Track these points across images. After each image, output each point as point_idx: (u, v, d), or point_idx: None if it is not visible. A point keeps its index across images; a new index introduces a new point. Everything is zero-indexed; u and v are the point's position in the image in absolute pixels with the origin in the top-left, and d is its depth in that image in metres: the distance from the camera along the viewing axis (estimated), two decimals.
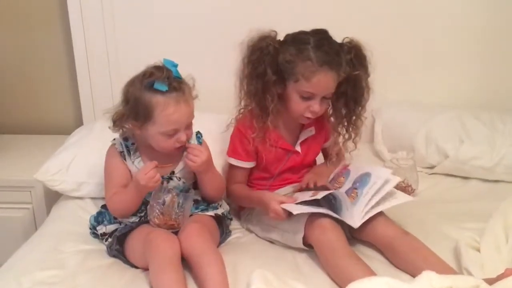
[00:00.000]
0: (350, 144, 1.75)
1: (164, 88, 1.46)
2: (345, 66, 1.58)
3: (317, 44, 1.55)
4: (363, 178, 1.57)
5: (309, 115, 1.62)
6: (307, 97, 1.58)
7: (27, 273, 1.42)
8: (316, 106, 1.59)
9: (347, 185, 1.61)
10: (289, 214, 1.52)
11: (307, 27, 1.61)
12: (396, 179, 1.57)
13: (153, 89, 1.46)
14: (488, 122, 2.09)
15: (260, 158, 1.71)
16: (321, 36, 1.58)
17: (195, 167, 1.55)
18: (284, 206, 1.52)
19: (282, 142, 1.71)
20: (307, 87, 1.56)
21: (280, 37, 1.62)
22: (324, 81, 1.55)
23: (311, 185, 1.62)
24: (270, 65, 1.57)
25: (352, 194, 1.55)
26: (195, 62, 1.71)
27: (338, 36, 1.61)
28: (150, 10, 2.17)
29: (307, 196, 1.53)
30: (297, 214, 1.50)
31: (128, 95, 1.51)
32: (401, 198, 1.57)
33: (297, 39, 1.58)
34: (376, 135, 2.20)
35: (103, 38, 2.18)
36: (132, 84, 1.51)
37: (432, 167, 2.07)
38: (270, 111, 1.61)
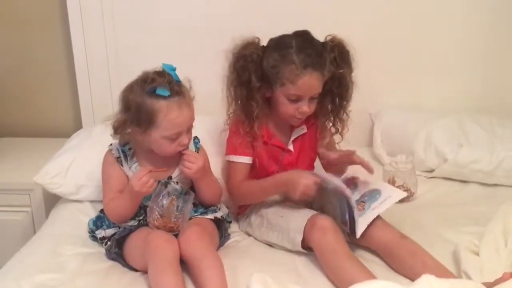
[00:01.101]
0: (337, 137, 1.76)
1: (166, 93, 1.45)
2: (329, 66, 1.59)
3: (299, 47, 1.56)
4: (373, 194, 1.58)
5: (299, 116, 1.63)
6: (295, 100, 1.60)
7: (27, 276, 1.42)
8: (305, 108, 1.60)
9: (355, 196, 1.59)
10: (317, 191, 1.53)
11: None
12: (404, 195, 1.62)
13: (155, 95, 1.45)
14: (487, 126, 2.09)
15: (255, 156, 1.70)
16: (303, 38, 1.59)
17: (191, 174, 1.55)
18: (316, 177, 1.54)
19: (275, 140, 1.71)
20: (293, 90, 1.57)
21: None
22: (309, 82, 1.57)
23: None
24: (255, 72, 1.59)
25: (359, 207, 1.55)
26: (196, 65, 1.71)
27: None
28: (150, 15, 2.17)
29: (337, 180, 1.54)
30: (298, 215, 1.54)
31: (129, 101, 1.49)
32: (395, 195, 1.57)
33: (280, 44, 1.60)
34: (375, 139, 2.20)
35: (103, 41, 2.18)
36: (131, 91, 1.49)
37: (431, 171, 2.07)
38: (254, 117, 1.62)
